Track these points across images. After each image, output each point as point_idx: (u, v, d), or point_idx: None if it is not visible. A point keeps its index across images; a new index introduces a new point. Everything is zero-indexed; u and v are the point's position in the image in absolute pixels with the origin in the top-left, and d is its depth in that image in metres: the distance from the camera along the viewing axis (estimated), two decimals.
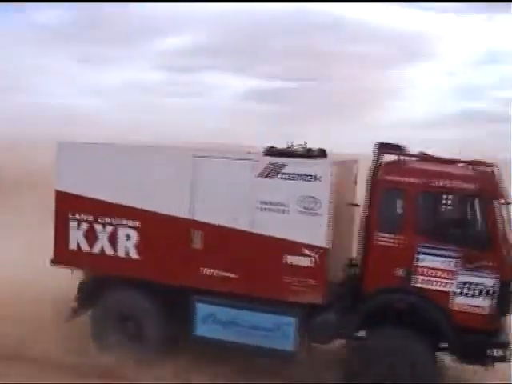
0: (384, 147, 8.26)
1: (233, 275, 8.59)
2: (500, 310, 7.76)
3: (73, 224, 9.40)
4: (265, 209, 8.47)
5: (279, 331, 8.52)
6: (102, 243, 9.31)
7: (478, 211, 7.84)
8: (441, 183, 7.89)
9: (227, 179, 8.56)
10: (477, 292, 7.76)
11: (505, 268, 7.65)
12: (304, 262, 8.35)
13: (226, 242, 8.57)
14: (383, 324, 7.95)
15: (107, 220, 9.24)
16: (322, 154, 8.84)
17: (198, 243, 8.69)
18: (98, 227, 9.29)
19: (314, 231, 8.23)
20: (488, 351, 7.71)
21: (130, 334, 9.21)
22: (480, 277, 7.72)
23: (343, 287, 8.59)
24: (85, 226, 9.37)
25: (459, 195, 7.91)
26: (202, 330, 8.87)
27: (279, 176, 8.36)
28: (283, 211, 8.39)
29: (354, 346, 8.19)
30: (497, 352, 7.73)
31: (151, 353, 8.96)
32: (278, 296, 8.40)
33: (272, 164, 8.40)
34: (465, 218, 7.81)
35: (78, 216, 9.38)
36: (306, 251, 8.29)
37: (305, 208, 8.28)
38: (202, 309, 8.84)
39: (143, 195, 8.93)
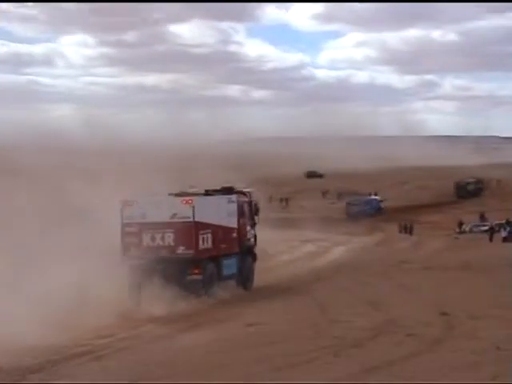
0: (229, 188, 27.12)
1: (225, 245, 25.38)
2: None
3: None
4: (229, 214, 25.74)
5: (235, 265, 25.89)
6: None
7: (252, 207, 27.75)
8: (246, 199, 27.51)
9: (223, 203, 25.92)
10: (252, 236, 27.53)
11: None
12: (233, 234, 26.01)
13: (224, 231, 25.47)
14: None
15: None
16: (231, 189, 27.07)
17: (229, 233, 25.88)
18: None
19: (233, 221, 25.94)
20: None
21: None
22: (253, 230, 27.62)
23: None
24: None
25: (249, 202, 27.62)
26: (227, 271, 25.19)
27: (230, 201, 26.11)
28: (229, 215, 25.75)
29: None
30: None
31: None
32: (231, 250, 25.75)
33: (229, 197, 26.25)
34: (255, 209, 27.89)
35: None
36: (235, 230, 26.05)
37: (232, 213, 25.98)
38: (225, 263, 25.12)
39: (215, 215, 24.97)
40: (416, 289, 25.57)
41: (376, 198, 74.78)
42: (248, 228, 26.95)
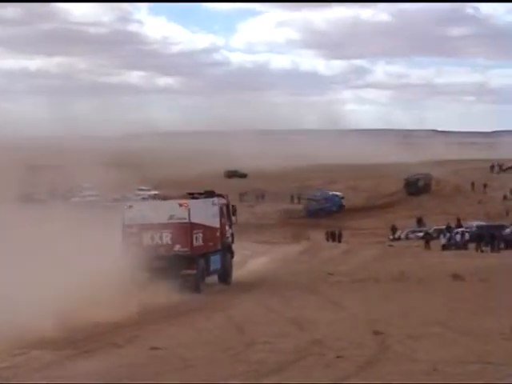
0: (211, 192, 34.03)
1: (212, 243, 32.02)
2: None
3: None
4: (213, 216, 32.45)
5: (218, 261, 32.66)
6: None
7: (230, 208, 35.10)
8: (224, 201, 34.62)
9: (209, 205, 32.71)
10: (230, 234, 34.74)
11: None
12: (217, 233, 32.71)
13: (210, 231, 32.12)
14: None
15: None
16: (212, 192, 33.97)
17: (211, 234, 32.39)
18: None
19: (216, 222, 32.69)
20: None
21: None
22: (231, 230, 35.04)
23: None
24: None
25: (227, 204, 34.82)
26: (213, 266, 31.88)
27: (213, 203, 32.94)
28: (213, 216, 32.47)
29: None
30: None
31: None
32: (216, 248, 32.47)
33: (212, 200, 33.12)
34: (232, 210, 35.48)
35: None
36: (218, 229, 32.85)
37: (215, 214, 32.84)
38: (212, 259, 31.76)
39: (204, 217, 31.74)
40: (345, 304, 25.97)
41: (337, 194, 76.01)
42: (227, 228, 33.97)
